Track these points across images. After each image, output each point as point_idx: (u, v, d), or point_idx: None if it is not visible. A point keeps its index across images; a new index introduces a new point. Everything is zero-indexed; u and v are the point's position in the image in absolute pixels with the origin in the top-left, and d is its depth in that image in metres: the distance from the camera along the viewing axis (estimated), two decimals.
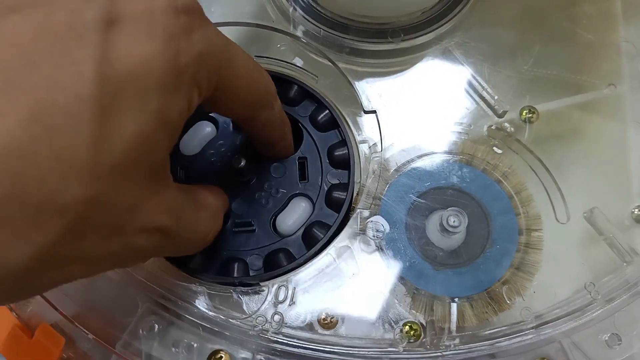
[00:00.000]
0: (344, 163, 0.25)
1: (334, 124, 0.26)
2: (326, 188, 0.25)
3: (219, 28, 0.19)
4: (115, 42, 0.15)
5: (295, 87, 0.27)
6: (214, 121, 0.26)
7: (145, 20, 0.15)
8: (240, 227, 0.24)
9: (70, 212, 0.14)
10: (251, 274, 0.24)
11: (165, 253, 0.19)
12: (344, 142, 0.26)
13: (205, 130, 0.26)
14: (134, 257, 0.18)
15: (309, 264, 0.24)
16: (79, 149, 0.14)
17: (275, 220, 0.25)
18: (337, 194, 0.25)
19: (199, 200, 0.21)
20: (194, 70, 0.17)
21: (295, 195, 0.25)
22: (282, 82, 0.27)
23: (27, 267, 0.14)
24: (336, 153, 0.26)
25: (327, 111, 0.26)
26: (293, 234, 0.24)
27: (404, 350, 0.23)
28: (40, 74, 0.14)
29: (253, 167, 0.25)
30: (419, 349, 0.23)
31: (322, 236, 0.24)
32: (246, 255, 0.24)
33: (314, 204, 0.25)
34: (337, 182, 0.25)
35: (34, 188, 0.13)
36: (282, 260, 0.24)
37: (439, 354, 0.23)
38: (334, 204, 0.25)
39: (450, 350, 0.23)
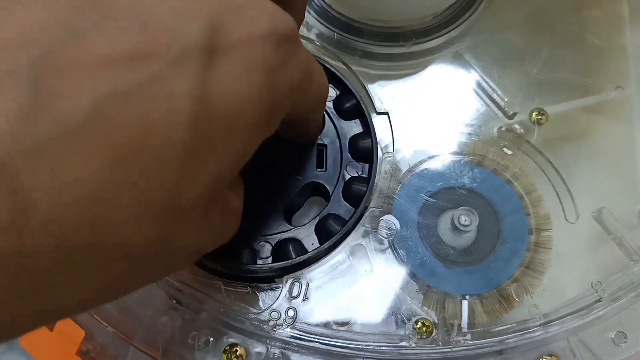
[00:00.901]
0: (367, 155, 0.24)
1: (359, 112, 0.24)
2: (345, 180, 0.23)
3: None
4: (214, 75, 0.13)
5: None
6: None
7: (246, 51, 0.14)
8: (250, 212, 0.22)
9: (136, 254, 0.13)
10: (259, 262, 0.22)
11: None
12: (368, 133, 0.24)
13: None
14: (168, 275, 0.18)
15: (323, 260, 0.25)
16: (161, 194, 0.13)
17: (287, 207, 0.23)
18: (357, 187, 0.23)
19: (229, 207, 0.19)
20: (285, 101, 0.16)
21: (311, 183, 0.23)
22: None
23: (76, 306, 0.13)
24: (359, 144, 0.24)
25: (354, 98, 0.24)
26: (305, 224, 0.23)
27: (416, 346, 0.24)
28: (133, 105, 0.12)
29: (269, 150, 0.23)
30: (430, 344, 0.24)
31: (337, 231, 0.23)
32: (254, 242, 0.23)
33: (330, 195, 0.23)
34: (357, 174, 0.23)
35: (109, 235, 0.12)
36: (291, 252, 0.22)
37: (449, 349, 0.23)
38: (352, 198, 0.23)
39: (460, 346, 0.23)
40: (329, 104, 0.24)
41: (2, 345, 0.38)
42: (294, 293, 0.24)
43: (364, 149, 0.24)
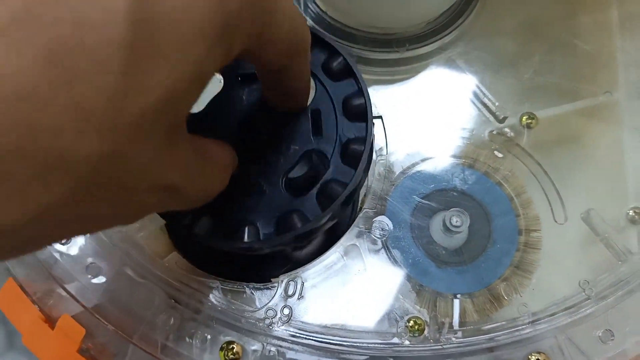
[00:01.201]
0: (361, 114, 0.23)
1: (349, 72, 0.23)
2: (342, 142, 0.22)
3: None
4: None
5: None
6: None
7: None
8: (249, 188, 0.22)
9: (82, 170, 0.12)
10: (262, 237, 0.21)
11: (167, 209, 0.17)
12: (360, 92, 0.23)
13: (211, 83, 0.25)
14: (138, 215, 0.16)
15: (318, 260, 0.25)
16: (102, 100, 0.12)
17: (286, 179, 0.22)
18: (354, 148, 0.22)
19: (209, 155, 0.19)
20: (239, 17, 0.15)
21: (308, 152, 0.22)
22: None
23: (24, 227, 0.13)
24: (352, 104, 0.23)
25: (341, 58, 0.23)
26: (306, 194, 0.22)
27: (409, 344, 0.24)
28: (65, 4, 0.11)
29: (262, 123, 0.22)
30: (422, 342, 0.24)
31: (340, 194, 0.21)
32: (257, 219, 0.22)
33: (329, 160, 0.22)
34: (354, 136, 0.22)
35: (45, 141, 0.12)
36: (296, 222, 0.21)
37: (440, 346, 0.24)
38: (351, 159, 0.22)
39: (451, 344, 0.24)
40: (319, 68, 0.23)
41: (2, 346, 0.39)
42: (290, 292, 0.25)
43: (357, 108, 0.23)
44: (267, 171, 0.22)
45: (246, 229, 0.21)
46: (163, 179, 0.15)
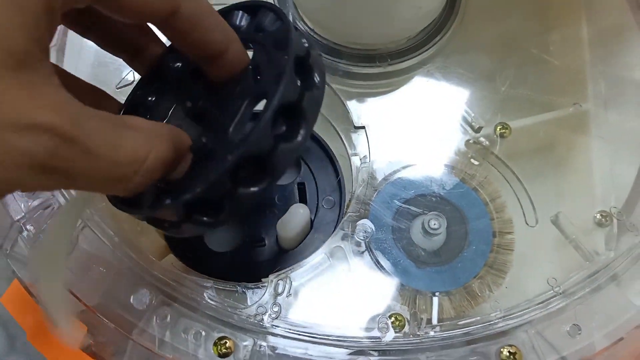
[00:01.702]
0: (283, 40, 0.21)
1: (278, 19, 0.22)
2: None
3: None
4: None
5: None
6: None
7: None
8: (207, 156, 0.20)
9: None
10: None
11: (81, 169, 0.16)
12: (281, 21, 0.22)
13: None
14: (21, 164, 0.15)
15: (305, 261, 0.27)
16: None
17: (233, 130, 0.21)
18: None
19: (123, 120, 0.18)
20: None
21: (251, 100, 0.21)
22: None
23: None
24: (278, 36, 0.21)
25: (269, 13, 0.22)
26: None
27: (391, 339, 0.26)
28: None
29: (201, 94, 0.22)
30: (403, 337, 0.26)
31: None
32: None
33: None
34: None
35: None
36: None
37: (419, 340, 0.25)
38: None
39: (429, 337, 0.26)
40: (256, 34, 0.22)
41: (4, 348, 0.40)
42: (279, 290, 0.27)
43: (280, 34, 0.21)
44: (218, 134, 0.21)
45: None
46: (29, 116, 0.15)
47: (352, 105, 0.31)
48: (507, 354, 0.25)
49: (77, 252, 0.27)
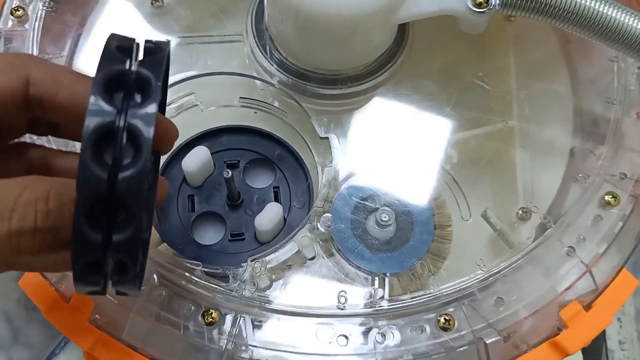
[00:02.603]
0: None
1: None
2: None
3: (216, 77, 0.25)
4: None
5: None
6: None
7: None
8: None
9: None
10: None
11: None
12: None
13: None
14: None
15: (278, 247, 0.33)
16: None
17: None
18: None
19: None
20: None
21: None
22: None
23: None
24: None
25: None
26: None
27: (350, 309, 0.31)
28: None
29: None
30: (361, 308, 0.31)
31: None
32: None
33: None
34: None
35: None
36: None
37: (372, 310, 0.31)
38: None
39: (381, 308, 0.31)
40: None
41: (8, 340, 0.44)
42: (256, 271, 0.32)
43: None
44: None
45: None
46: None
47: (319, 120, 0.37)
48: (443, 320, 0.30)
49: None
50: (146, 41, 0.21)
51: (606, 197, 0.33)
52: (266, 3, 0.36)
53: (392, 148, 0.37)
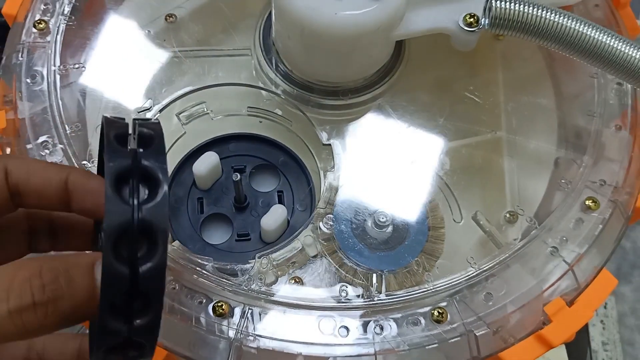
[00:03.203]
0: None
1: None
2: None
3: (225, 88, 0.27)
4: None
5: None
6: None
7: None
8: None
9: None
10: None
11: None
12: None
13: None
14: None
15: (284, 244, 0.35)
16: None
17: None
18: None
19: None
20: None
21: None
22: None
23: None
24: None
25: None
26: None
27: (350, 303, 0.34)
28: None
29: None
30: (361, 301, 0.34)
31: None
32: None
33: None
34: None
35: None
36: None
37: (370, 302, 0.33)
38: None
39: (380, 303, 0.34)
40: None
41: None
42: (263, 268, 0.34)
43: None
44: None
45: None
46: None
47: (323, 128, 0.39)
48: (437, 314, 0.33)
49: None
50: (138, 125, 0.22)
51: (587, 202, 0.36)
52: (274, 20, 0.39)
53: (389, 155, 0.39)
